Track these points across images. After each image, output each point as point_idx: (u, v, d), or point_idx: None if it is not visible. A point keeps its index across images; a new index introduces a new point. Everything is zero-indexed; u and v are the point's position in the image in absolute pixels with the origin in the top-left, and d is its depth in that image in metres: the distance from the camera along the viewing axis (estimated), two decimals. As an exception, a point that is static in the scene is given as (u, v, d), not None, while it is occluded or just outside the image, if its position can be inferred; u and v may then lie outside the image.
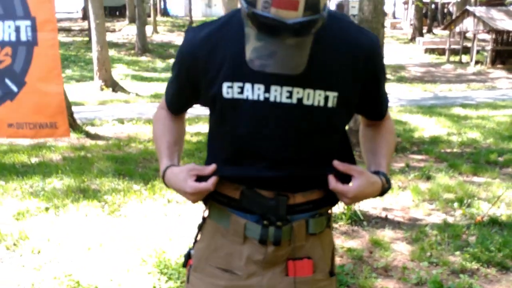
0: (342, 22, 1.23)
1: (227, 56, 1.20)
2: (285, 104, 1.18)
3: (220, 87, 1.21)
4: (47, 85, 2.08)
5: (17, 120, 2.15)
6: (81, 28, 27.69)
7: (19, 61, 2.09)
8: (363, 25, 6.94)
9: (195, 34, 1.26)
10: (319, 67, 1.17)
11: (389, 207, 4.77)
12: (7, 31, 2.10)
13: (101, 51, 13.20)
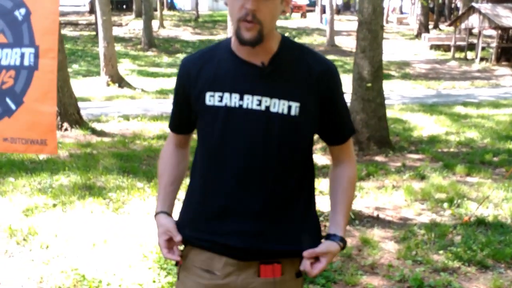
0: (303, 49, 1.55)
1: (212, 72, 1.50)
2: (255, 111, 1.45)
3: (204, 97, 1.49)
4: (42, 105, 2.30)
5: (11, 135, 2.36)
6: (88, 22, 27.93)
7: (20, 82, 2.32)
8: (363, 27, 7.12)
9: (188, 58, 1.59)
10: (283, 82, 1.46)
11: (382, 206, 4.97)
12: (14, 57, 2.34)
13: (108, 47, 13.43)
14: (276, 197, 1.50)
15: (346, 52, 22.94)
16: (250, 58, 1.46)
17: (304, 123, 1.48)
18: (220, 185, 1.50)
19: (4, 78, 2.36)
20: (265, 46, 1.45)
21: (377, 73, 7.25)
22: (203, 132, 1.55)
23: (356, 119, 7.30)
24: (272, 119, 1.45)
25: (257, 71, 1.46)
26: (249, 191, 1.48)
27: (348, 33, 27.78)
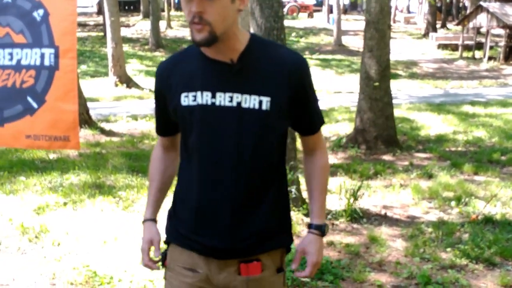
0: (272, 45, 1.62)
1: (185, 73, 1.55)
2: (228, 107, 1.49)
3: (179, 98, 1.54)
4: (64, 104, 2.36)
5: (34, 132, 2.42)
6: (96, 23, 28.05)
7: (41, 82, 2.38)
8: (370, 26, 7.14)
9: (162, 63, 1.65)
10: (254, 78, 1.50)
11: (389, 205, 5.00)
12: (33, 57, 2.40)
13: (116, 47, 13.51)
14: (251, 193, 1.53)
15: (353, 52, 22.91)
16: (219, 56, 1.50)
17: (276, 117, 1.51)
18: (197, 185, 1.55)
19: (24, 77, 2.42)
20: (230, 45, 1.49)
21: (385, 73, 7.27)
22: (182, 133, 1.60)
23: (363, 118, 7.33)
24: (244, 115, 1.48)
25: (227, 69, 1.50)
26: (224, 189, 1.52)
27: (355, 32, 27.73)
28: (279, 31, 4.45)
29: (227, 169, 1.51)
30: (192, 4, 1.38)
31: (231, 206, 1.52)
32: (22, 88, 2.43)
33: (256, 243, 1.55)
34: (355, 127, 7.60)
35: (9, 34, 2.46)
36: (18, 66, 2.44)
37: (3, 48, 2.47)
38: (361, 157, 6.92)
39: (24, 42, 2.44)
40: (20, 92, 2.43)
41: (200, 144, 1.52)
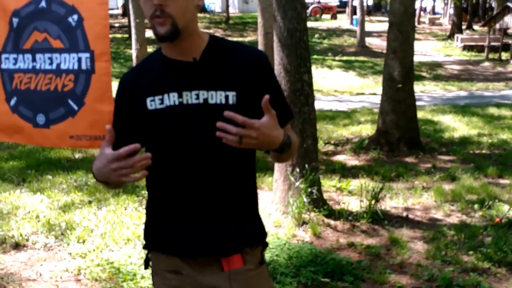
0: (232, 42, 1.62)
1: (149, 79, 1.55)
2: (195, 105, 1.50)
3: (145, 103, 1.53)
4: (101, 105, 2.47)
5: (77, 133, 2.55)
6: (121, 25, 28.43)
7: (79, 85, 2.49)
8: (394, 28, 7.11)
9: (124, 74, 1.64)
10: (218, 74, 1.51)
11: (411, 207, 4.97)
12: (71, 61, 2.50)
13: (140, 49, 13.69)
14: (225, 189, 1.55)
15: (377, 53, 22.76)
16: (181, 57, 1.51)
17: (243, 111, 1.46)
18: (170, 187, 1.55)
19: (65, 81, 2.52)
20: (191, 43, 1.51)
21: (408, 74, 7.22)
22: (150, 139, 1.55)
23: (386, 120, 7.30)
24: (212, 111, 1.49)
25: (191, 67, 1.51)
26: (198, 186, 1.53)
27: (379, 34, 27.55)
28: (302, 33, 4.48)
29: (199, 167, 1.52)
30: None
31: (207, 204, 1.53)
32: (63, 91, 2.53)
33: (236, 238, 1.57)
34: (378, 129, 7.56)
35: (47, 39, 2.56)
36: (58, 70, 2.54)
37: (43, 53, 2.56)
38: (383, 159, 6.89)
39: (62, 47, 2.53)
40: (62, 95, 2.54)
41: (170, 144, 1.52)
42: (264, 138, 1.39)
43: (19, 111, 2.67)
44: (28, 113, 2.65)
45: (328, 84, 16.03)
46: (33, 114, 2.63)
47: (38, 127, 2.63)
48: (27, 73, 2.62)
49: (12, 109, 2.68)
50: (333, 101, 13.13)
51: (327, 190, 5.30)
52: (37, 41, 2.60)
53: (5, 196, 5.13)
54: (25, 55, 2.62)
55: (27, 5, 2.61)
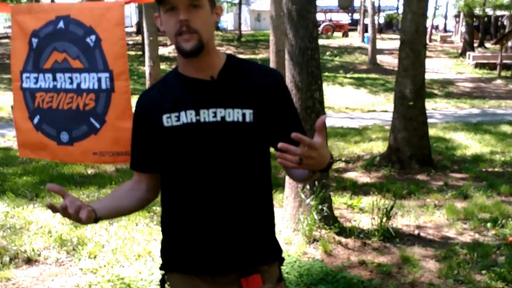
0: (249, 62, 1.65)
1: (166, 97, 1.57)
2: (212, 123, 1.52)
3: (161, 120, 1.55)
4: (122, 122, 2.54)
5: (100, 149, 2.63)
6: (134, 42, 28.78)
7: (100, 104, 2.58)
8: (405, 46, 7.13)
9: (141, 93, 1.68)
10: (235, 92, 1.54)
11: (423, 225, 4.94)
12: (91, 81, 2.58)
13: (153, 66, 13.84)
14: (243, 206, 1.56)
15: (388, 71, 22.77)
16: (199, 75, 1.54)
17: (260, 129, 1.54)
18: (188, 205, 1.55)
19: (86, 100, 2.60)
20: (210, 61, 1.54)
21: (420, 92, 7.22)
22: (167, 155, 1.57)
23: (397, 137, 7.28)
24: (229, 128, 1.51)
25: (208, 85, 1.53)
26: (216, 204, 1.53)
27: (390, 51, 27.58)
28: (313, 51, 4.51)
29: (215, 184, 1.53)
30: (179, 14, 1.43)
31: (223, 221, 1.54)
32: (85, 110, 2.61)
33: (254, 256, 1.58)
34: (389, 146, 7.55)
35: (66, 59, 2.64)
36: (78, 89, 2.61)
37: (63, 73, 2.64)
38: (395, 177, 6.86)
39: (81, 67, 2.61)
40: (84, 114, 2.62)
41: (186, 161, 1.53)
42: (320, 158, 1.37)
43: (43, 129, 2.75)
44: (51, 131, 2.72)
45: (339, 101, 16.05)
46: (56, 132, 2.71)
47: (62, 144, 2.71)
48: (49, 92, 2.70)
49: (36, 127, 2.77)
50: (344, 118, 13.13)
51: (338, 207, 5.28)
52: (57, 61, 2.67)
53: (18, 211, 5.18)
54: (46, 75, 2.70)
55: (46, 26, 2.68)
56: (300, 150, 1.30)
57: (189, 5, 1.44)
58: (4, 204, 5.41)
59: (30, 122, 2.77)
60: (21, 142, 2.87)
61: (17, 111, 2.83)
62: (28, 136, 2.80)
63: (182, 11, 1.43)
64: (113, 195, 1.72)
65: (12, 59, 2.82)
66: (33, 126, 2.77)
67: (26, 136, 2.81)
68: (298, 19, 4.44)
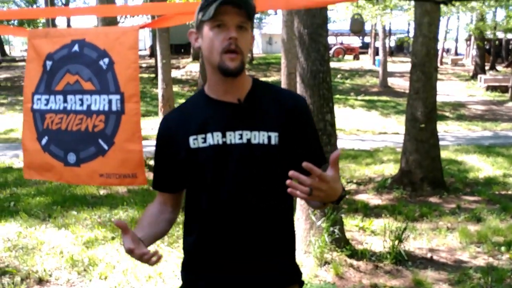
0: (274, 86, 1.70)
1: (193, 119, 1.60)
2: (238, 145, 1.54)
3: (188, 141, 1.57)
4: (130, 144, 2.56)
5: (106, 171, 2.62)
6: (148, 65, 29.14)
7: (110, 126, 2.59)
8: (416, 69, 7.15)
9: (167, 115, 1.71)
10: (261, 115, 1.57)
11: (436, 248, 4.89)
12: (102, 103, 2.61)
13: (166, 88, 13.96)
14: (267, 227, 1.58)
15: (399, 93, 22.78)
16: (226, 97, 1.57)
17: (285, 151, 1.58)
18: (212, 226, 1.57)
19: (95, 122, 2.63)
20: (239, 84, 1.57)
21: (431, 114, 7.22)
22: (193, 176, 1.60)
23: (409, 159, 7.26)
24: (255, 150, 1.54)
25: (235, 108, 1.56)
26: (241, 224, 1.55)
27: (401, 74, 27.64)
28: (325, 74, 4.54)
29: (239, 206, 1.55)
30: (229, 31, 1.47)
31: (245, 244, 1.55)
32: (94, 132, 2.63)
33: (276, 278, 1.59)
34: (401, 168, 7.52)
35: (78, 82, 2.68)
36: (89, 111, 2.64)
37: (74, 95, 2.68)
38: (407, 199, 6.82)
39: (92, 89, 2.64)
40: (93, 135, 2.64)
41: (211, 182, 1.55)
42: (330, 191, 1.38)
43: (50, 150, 2.76)
44: (59, 152, 2.74)
45: (351, 123, 16.06)
46: (64, 153, 2.72)
47: (69, 165, 2.72)
48: (58, 113, 2.72)
49: (43, 148, 2.78)
50: (355, 140, 13.11)
51: (349, 230, 5.25)
52: (69, 83, 2.71)
53: (30, 232, 5.22)
54: (57, 96, 2.73)
55: (61, 49, 2.74)
56: (310, 181, 1.31)
57: (238, 25, 1.49)
58: (17, 224, 5.45)
59: (38, 143, 2.79)
60: (27, 163, 2.87)
61: (26, 132, 2.85)
62: (35, 157, 2.81)
63: (233, 29, 1.48)
64: (149, 221, 1.69)
65: (25, 81, 2.86)
66: (41, 147, 2.78)
67: (33, 157, 2.83)
68: (310, 43, 4.49)
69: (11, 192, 7.12)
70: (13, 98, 20.36)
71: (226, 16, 1.47)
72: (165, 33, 13.54)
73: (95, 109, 2.63)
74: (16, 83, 24.19)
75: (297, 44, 4.68)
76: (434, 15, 7.05)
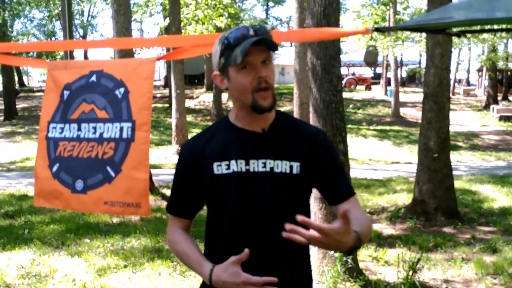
0: (296, 119, 1.77)
1: (216, 146, 1.64)
2: (261, 173, 1.60)
3: (211, 167, 1.62)
4: (137, 172, 2.56)
5: (111, 199, 2.63)
6: (162, 95, 29.52)
7: (119, 153, 2.61)
8: (429, 99, 7.18)
9: (189, 140, 1.74)
10: (283, 145, 1.63)
11: (451, 279, 4.82)
12: (114, 130, 2.65)
13: (180, 118, 14.13)
14: (287, 254, 1.61)
15: (411, 123, 22.76)
16: (251, 127, 1.63)
17: (305, 181, 1.64)
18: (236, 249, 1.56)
19: (106, 149, 2.67)
20: (265, 115, 1.62)
21: (444, 144, 7.20)
22: (215, 202, 1.65)
23: (422, 189, 7.22)
24: (277, 179, 1.60)
25: (259, 137, 1.62)
26: (261, 251, 1.58)
27: (414, 104, 27.66)
28: (337, 104, 4.58)
29: (260, 232, 1.59)
30: (257, 71, 1.53)
31: (267, 268, 1.57)
32: (103, 158, 2.66)
33: None
34: (414, 198, 7.47)
35: (93, 110, 2.74)
36: (100, 139, 2.69)
37: (88, 123, 2.73)
38: (420, 229, 6.75)
39: (106, 117, 2.70)
40: (101, 162, 2.66)
41: (233, 208, 1.60)
42: (333, 243, 1.38)
43: (60, 177, 2.78)
44: (67, 179, 2.76)
45: (363, 153, 16.03)
46: (72, 180, 2.74)
47: (76, 192, 2.73)
48: (72, 141, 2.76)
49: (53, 175, 2.80)
50: (368, 169, 13.07)
51: (362, 260, 5.21)
52: (84, 112, 2.76)
53: (44, 259, 5.25)
54: (72, 125, 2.78)
55: (79, 80, 2.81)
56: (309, 235, 1.34)
57: (263, 61, 1.55)
58: (30, 252, 5.49)
59: (49, 170, 2.82)
60: (38, 190, 2.90)
61: (39, 159, 2.89)
62: (45, 184, 2.84)
63: (260, 68, 1.53)
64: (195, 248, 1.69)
65: (42, 111, 2.92)
66: (51, 174, 2.81)
67: (43, 184, 2.85)
68: (323, 73, 4.54)
69: (26, 219, 7.18)
70: (30, 127, 20.69)
71: (251, 56, 1.52)
72: (179, 64, 13.78)
73: (107, 136, 2.67)
74: (33, 112, 24.61)
75: (310, 75, 4.74)
76: (446, 47, 7.11)
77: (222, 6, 16.09)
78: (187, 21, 15.69)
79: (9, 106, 23.61)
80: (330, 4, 4.42)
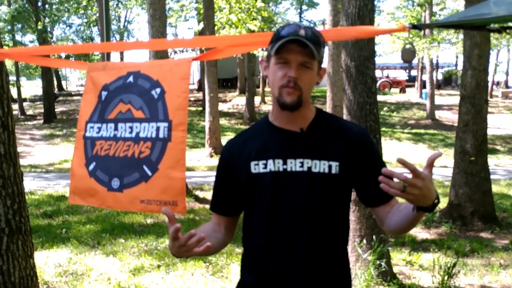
0: (336, 117, 1.76)
1: (255, 145, 1.65)
2: (298, 172, 1.58)
3: (249, 166, 1.62)
4: (174, 172, 2.59)
5: (147, 197, 2.66)
6: (196, 99, 29.79)
7: (155, 152, 2.65)
8: (466, 101, 7.03)
9: (230, 140, 1.77)
10: (322, 145, 1.61)
11: (488, 285, 4.71)
12: (150, 130, 2.69)
13: (213, 121, 14.25)
14: (325, 253, 1.60)
15: (447, 126, 22.32)
16: (289, 126, 1.62)
17: (345, 181, 1.61)
18: (273, 249, 1.59)
19: (142, 148, 2.70)
20: (303, 114, 1.62)
21: (481, 147, 7.04)
22: (252, 201, 1.65)
23: (458, 193, 7.07)
24: (315, 179, 1.58)
25: (297, 137, 1.61)
26: (299, 249, 1.57)
27: (449, 107, 27.12)
28: (371, 106, 4.53)
29: (301, 231, 1.58)
30: (290, 70, 1.53)
31: (304, 268, 1.57)
32: (139, 158, 2.70)
33: None
34: (450, 201, 7.32)
35: (130, 110, 2.79)
36: (137, 138, 2.73)
37: (125, 123, 2.78)
38: (456, 233, 6.61)
39: (142, 117, 2.74)
40: (138, 161, 2.70)
41: (269, 207, 1.59)
42: (425, 190, 1.36)
43: (96, 175, 2.83)
44: (104, 178, 2.80)
45: (398, 156, 15.69)
46: (108, 178, 2.79)
47: (112, 190, 2.77)
48: (108, 140, 2.82)
49: (90, 173, 2.85)
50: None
51: (396, 264, 5.13)
52: (121, 112, 2.82)
53: (80, 258, 5.36)
54: (109, 124, 2.83)
55: (116, 80, 2.87)
56: (405, 175, 1.33)
57: (301, 64, 1.54)
58: (68, 251, 5.62)
59: (85, 169, 2.87)
60: (73, 188, 2.95)
61: (76, 158, 2.94)
62: (81, 182, 2.89)
63: (294, 68, 1.53)
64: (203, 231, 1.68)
65: (81, 111, 2.98)
66: (88, 172, 2.86)
67: (79, 183, 2.90)
68: (357, 75, 4.51)
69: (63, 219, 7.36)
70: (68, 130, 21.22)
71: (290, 54, 1.53)
72: (213, 68, 13.90)
73: (143, 136, 2.71)
74: (71, 116, 25.24)
75: (344, 77, 4.71)
76: (484, 47, 6.95)
77: (255, 10, 16.13)
78: (221, 25, 15.80)
79: (48, 110, 24.30)
80: (365, 5, 4.39)
